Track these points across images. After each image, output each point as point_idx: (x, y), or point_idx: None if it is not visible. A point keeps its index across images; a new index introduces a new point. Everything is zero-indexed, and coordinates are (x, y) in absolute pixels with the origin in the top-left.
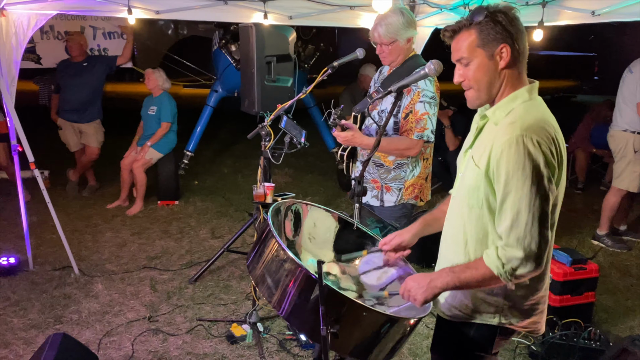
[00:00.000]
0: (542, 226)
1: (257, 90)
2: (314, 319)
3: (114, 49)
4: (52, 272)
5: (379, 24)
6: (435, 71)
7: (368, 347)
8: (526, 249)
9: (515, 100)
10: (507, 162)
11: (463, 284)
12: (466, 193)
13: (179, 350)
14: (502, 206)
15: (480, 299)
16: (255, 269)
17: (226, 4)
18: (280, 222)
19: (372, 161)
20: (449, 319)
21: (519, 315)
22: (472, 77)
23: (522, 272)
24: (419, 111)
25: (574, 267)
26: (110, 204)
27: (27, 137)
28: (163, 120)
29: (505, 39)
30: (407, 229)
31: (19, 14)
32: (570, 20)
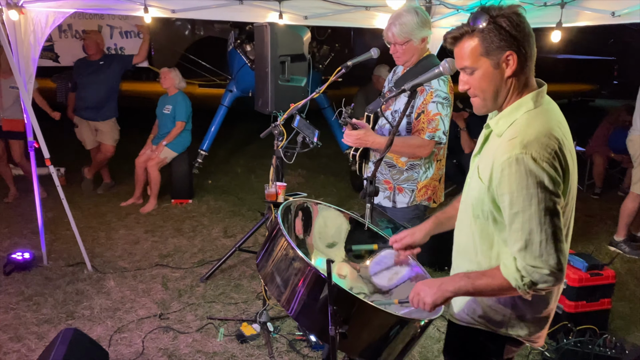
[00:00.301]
0: (557, 241)
1: (271, 89)
2: (323, 319)
3: (130, 48)
4: (66, 267)
5: (393, 24)
6: (449, 70)
7: (378, 349)
8: (547, 264)
9: (519, 110)
10: (509, 182)
11: (477, 290)
12: (470, 203)
13: (188, 348)
14: (512, 227)
15: (488, 307)
16: (265, 267)
17: (242, 4)
18: (290, 221)
19: (385, 162)
20: (459, 324)
21: (525, 326)
22: (478, 86)
23: (543, 286)
24: (431, 111)
25: (589, 272)
26: (124, 202)
27: (44, 135)
28: (178, 119)
29: (510, 46)
30: (418, 227)
31: (37, 12)
32: (590, 21)
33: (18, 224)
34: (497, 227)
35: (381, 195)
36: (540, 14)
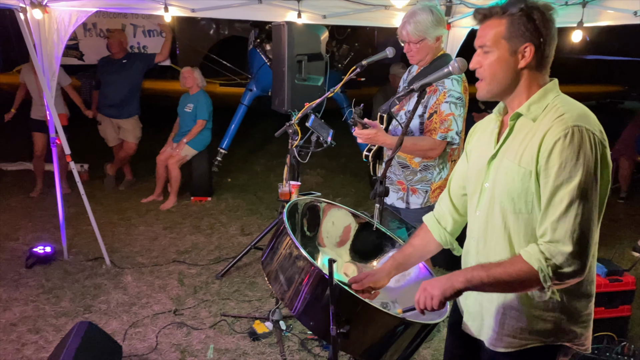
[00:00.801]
0: (591, 221)
1: (287, 88)
2: (325, 319)
3: (153, 46)
4: (85, 262)
5: (407, 22)
6: (459, 69)
7: (380, 350)
8: (575, 244)
9: (547, 95)
10: (561, 152)
11: (491, 279)
12: (509, 200)
13: (201, 345)
14: (552, 199)
15: (535, 317)
16: (269, 265)
17: (260, 3)
18: (298, 219)
19: (398, 162)
20: (505, 351)
21: (576, 330)
22: (489, 67)
23: (567, 271)
24: (444, 111)
25: (608, 278)
26: (145, 199)
27: (66, 131)
28: (199, 117)
29: (532, 39)
30: (380, 268)
31: (61, 11)
32: (612, 21)
33: (41, 218)
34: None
35: (394, 196)
36: (561, 13)
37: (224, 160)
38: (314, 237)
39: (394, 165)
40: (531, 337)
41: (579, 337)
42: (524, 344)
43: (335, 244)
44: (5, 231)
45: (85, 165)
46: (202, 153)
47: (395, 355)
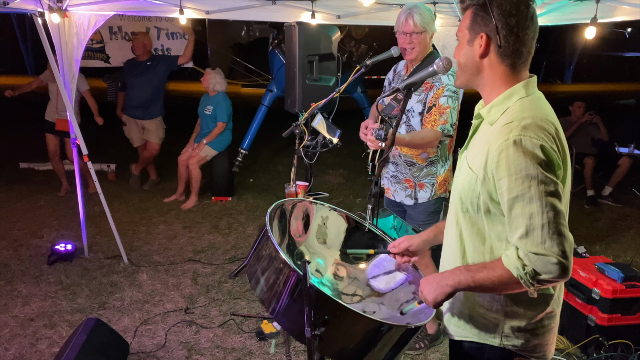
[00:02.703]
0: (559, 225)
1: (299, 88)
2: (303, 321)
3: (176, 48)
4: (104, 260)
5: (413, 12)
6: (443, 68)
7: (359, 353)
8: (550, 252)
9: (511, 98)
10: (508, 165)
11: (477, 284)
12: (459, 198)
13: (209, 343)
14: (511, 214)
15: (478, 314)
16: (251, 267)
17: (274, 4)
18: (286, 221)
19: (404, 161)
20: (454, 339)
21: (521, 336)
22: (458, 57)
23: (547, 277)
24: (443, 104)
25: (625, 284)
26: (167, 198)
27: (96, 133)
28: (219, 120)
29: (486, 29)
30: (417, 235)
31: (80, 15)
32: (626, 16)
33: (66, 217)
34: (489, 219)
35: (402, 194)
36: (576, 9)
37: (248, 160)
38: (303, 238)
39: (400, 164)
40: (472, 332)
41: (529, 345)
42: (464, 335)
43: (327, 245)
44: (32, 229)
45: (113, 166)
46: (223, 153)
47: (376, 358)
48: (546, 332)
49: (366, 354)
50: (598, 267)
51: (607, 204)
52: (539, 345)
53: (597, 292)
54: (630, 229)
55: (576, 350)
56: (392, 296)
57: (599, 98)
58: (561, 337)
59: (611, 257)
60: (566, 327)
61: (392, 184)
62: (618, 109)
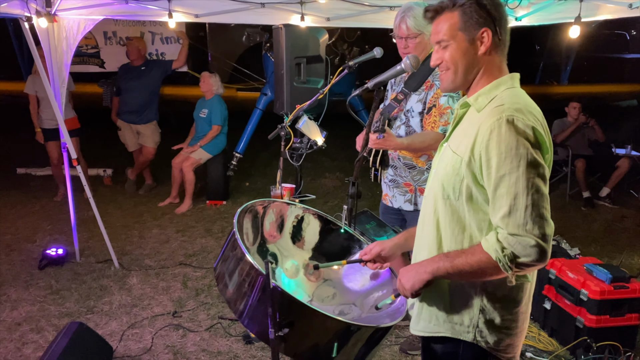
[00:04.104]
0: (542, 208)
1: (287, 91)
2: (267, 322)
3: (171, 53)
4: (95, 264)
5: (406, 16)
6: (411, 66)
7: (326, 355)
8: (530, 234)
9: (498, 87)
10: (498, 143)
11: (456, 270)
12: (440, 185)
13: (195, 347)
14: (496, 192)
15: (454, 309)
16: (218, 269)
17: (263, 7)
18: (259, 222)
19: (404, 164)
20: (426, 335)
21: (495, 333)
22: (451, 59)
23: (525, 261)
24: (443, 105)
25: (613, 285)
26: (162, 202)
27: (92, 138)
28: (214, 123)
29: (487, 24)
30: (389, 240)
31: (69, 20)
32: (609, 15)
33: (61, 221)
34: (471, 206)
35: (401, 199)
36: (561, 8)
37: (245, 164)
38: (277, 240)
39: (400, 167)
40: (445, 326)
41: (501, 343)
42: (436, 330)
43: (301, 246)
44: (26, 234)
45: (109, 170)
46: (218, 157)
47: (347, 358)
48: (519, 333)
49: (335, 355)
50: (587, 268)
51: (604, 205)
52: (510, 346)
53: (585, 293)
54: (626, 230)
55: (565, 352)
56: (366, 296)
57: (597, 99)
58: (551, 339)
59: (606, 258)
60: (556, 329)
61: (390, 189)
62: (617, 110)
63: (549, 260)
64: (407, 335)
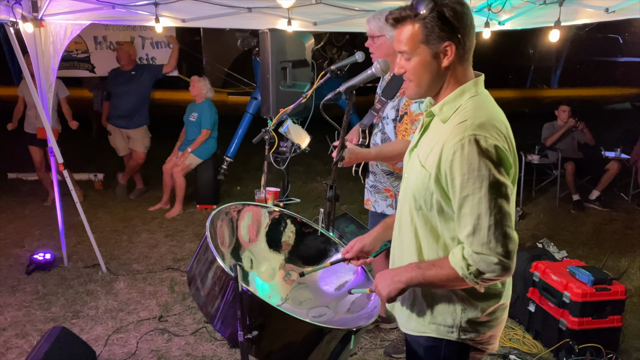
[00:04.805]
0: (505, 227)
1: (272, 95)
2: (237, 325)
3: (161, 57)
4: (83, 269)
5: (373, 17)
6: (381, 71)
7: (301, 355)
8: (494, 252)
9: (462, 96)
10: (461, 164)
11: (427, 281)
12: (412, 196)
13: (180, 351)
14: (461, 212)
15: (438, 310)
16: (191, 272)
17: (250, 12)
18: (234, 226)
19: (382, 170)
20: (411, 334)
21: (477, 328)
22: (414, 72)
23: (490, 276)
24: (414, 112)
25: (595, 287)
26: (152, 207)
27: (83, 142)
28: (203, 127)
29: (450, 37)
30: (368, 233)
31: (56, 24)
32: (587, 19)
33: (50, 226)
34: (442, 217)
35: (383, 204)
36: (542, 12)
37: (236, 168)
38: (253, 244)
39: (378, 173)
40: (430, 327)
41: (481, 336)
42: (423, 330)
43: (277, 249)
44: (14, 238)
45: (100, 175)
46: (208, 161)
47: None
48: (499, 324)
49: (308, 356)
50: (570, 270)
51: (594, 208)
52: (492, 337)
53: (568, 295)
54: (615, 233)
55: (549, 355)
56: (341, 299)
57: (589, 103)
58: (535, 341)
59: (593, 261)
60: (540, 332)
61: (372, 195)
62: (609, 113)
63: (533, 263)
64: (392, 338)
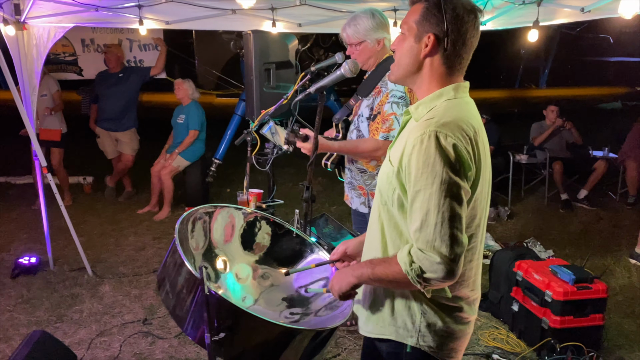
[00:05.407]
0: (453, 227)
1: (256, 96)
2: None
3: (149, 60)
4: (69, 272)
5: (347, 25)
6: (350, 72)
7: (270, 358)
8: (437, 251)
9: (439, 98)
10: (417, 158)
11: (375, 277)
12: (379, 192)
13: (163, 354)
14: (412, 206)
15: (398, 312)
16: (160, 274)
17: (234, 13)
18: (207, 228)
19: (357, 167)
20: (369, 336)
21: (437, 337)
22: (399, 51)
23: (432, 277)
24: (387, 111)
25: (576, 286)
26: (141, 210)
27: (73, 145)
28: (191, 128)
29: (437, 30)
30: (354, 238)
31: (39, 27)
32: (565, 19)
33: (37, 230)
34: (403, 213)
35: (357, 201)
36: (521, 12)
37: (226, 170)
38: (227, 245)
39: (354, 170)
40: (389, 329)
41: (442, 347)
42: (381, 332)
43: (251, 250)
44: (0, 242)
45: (89, 178)
46: (196, 163)
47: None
48: (462, 337)
49: (279, 357)
50: (552, 269)
51: (582, 207)
52: (452, 350)
53: (550, 294)
54: (602, 231)
55: (532, 354)
56: (314, 299)
57: (579, 102)
58: (519, 340)
59: (579, 260)
60: (523, 331)
61: (349, 191)
62: (600, 113)
63: (516, 262)
64: None
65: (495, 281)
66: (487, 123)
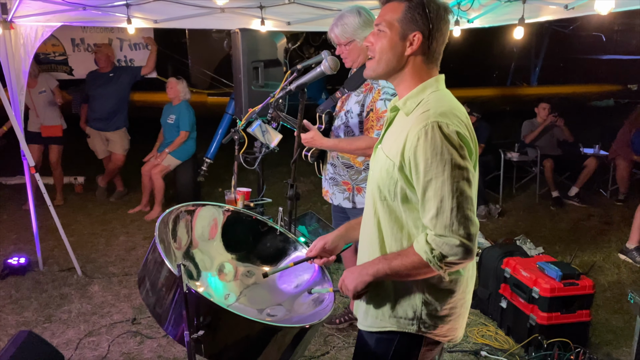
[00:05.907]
0: (467, 209)
1: (244, 95)
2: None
3: (139, 59)
4: (59, 272)
5: (335, 25)
6: (330, 69)
7: (249, 356)
8: (456, 234)
9: (425, 91)
10: (424, 150)
11: (394, 271)
12: (377, 187)
13: (151, 353)
14: (425, 196)
15: (399, 305)
16: (141, 273)
17: (223, 12)
18: (190, 226)
19: (342, 163)
20: (370, 330)
21: (437, 322)
22: (379, 47)
23: (454, 259)
24: (380, 109)
25: (563, 282)
26: (132, 209)
27: (70, 145)
28: (182, 129)
29: (423, 29)
30: (331, 232)
31: (27, 27)
32: (549, 16)
33: (27, 230)
34: (406, 205)
35: (340, 196)
36: (507, 10)
37: (219, 169)
38: (209, 243)
39: (338, 166)
40: (391, 321)
41: (441, 329)
42: (382, 325)
43: (234, 249)
44: None
45: (80, 178)
46: (187, 163)
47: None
48: (459, 318)
49: (260, 354)
50: (539, 266)
51: (573, 204)
52: (451, 330)
53: (537, 291)
54: (592, 228)
55: (520, 350)
56: (297, 297)
57: (570, 100)
58: (507, 337)
59: (568, 257)
60: (511, 328)
61: (330, 187)
62: (593, 110)
63: (505, 260)
64: None
65: (484, 278)
66: (477, 121)
